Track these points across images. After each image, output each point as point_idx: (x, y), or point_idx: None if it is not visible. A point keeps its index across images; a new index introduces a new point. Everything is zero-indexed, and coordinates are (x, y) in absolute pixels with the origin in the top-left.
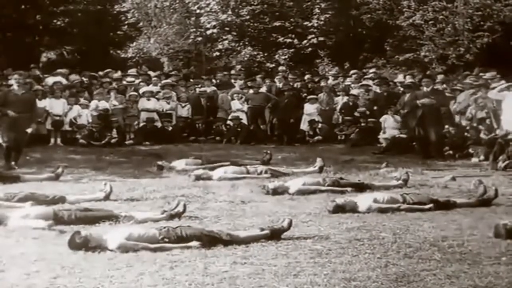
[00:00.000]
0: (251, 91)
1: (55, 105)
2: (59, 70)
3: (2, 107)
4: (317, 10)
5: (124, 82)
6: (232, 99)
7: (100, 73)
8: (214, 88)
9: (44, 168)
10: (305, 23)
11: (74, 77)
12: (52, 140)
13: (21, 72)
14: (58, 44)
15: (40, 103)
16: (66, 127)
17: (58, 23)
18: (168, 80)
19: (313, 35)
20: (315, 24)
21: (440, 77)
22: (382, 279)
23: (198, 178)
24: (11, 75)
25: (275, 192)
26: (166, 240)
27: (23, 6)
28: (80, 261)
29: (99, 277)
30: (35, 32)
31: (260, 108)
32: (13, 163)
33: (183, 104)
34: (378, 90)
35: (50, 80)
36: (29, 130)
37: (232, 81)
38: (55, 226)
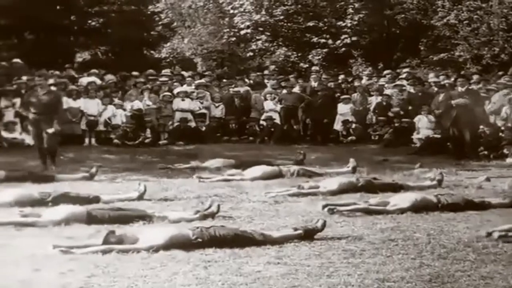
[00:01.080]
0: (284, 91)
1: (89, 105)
2: (93, 71)
3: (26, 109)
4: (350, 10)
5: (158, 82)
6: (266, 99)
7: (134, 73)
8: (248, 88)
9: (78, 168)
10: (339, 23)
11: (109, 77)
12: (87, 140)
13: (43, 73)
14: (92, 44)
15: (75, 103)
16: (101, 127)
17: (93, 23)
18: (202, 80)
19: (346, 35)
20: (349, 24)
21: (475, 77)
22: (416, 280)
23: (230, 178)
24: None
25: (308, 192)
26: (200, 240)
27: (58, 7)
28: (114, 261)
29: (133, 277)
30: (70, 32)
31: (293, 108)
32: (53, 167)
33: (216, 104)
34: (412, 90)
35: (84, 80)
36: (49, 131)
37: (265, 81)
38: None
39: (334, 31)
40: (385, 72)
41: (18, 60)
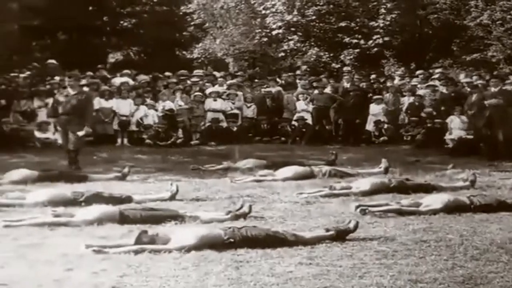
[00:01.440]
0: (316, 91)
1: (121, 106)
2: (125, 71)
3: (55, 110)
4: (383, 10)
5: (189, 82)
6: (298, 99)
7: (166, 73)
8: (280, 88)
9: (111, 168)
10: (371, 23)
11: (142, 77)
12: (119, 140)
13: (73, 73)
14: (124, 45)
15: (107, 104)
16: (133, 127)
17: (125, 24)
18: (234, 81)
19: (378, 36)
20: (381, 24)
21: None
22: (449, 281)
23: (261, 178)
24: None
25: (340, 192)
26: (231, 240)
27: (90, 8)
28: (146, 260)
29: (165, 276)
30: (102, 33)
31: (325, 109)
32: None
33: (248, 105)
34: (444, 91)
35: (117, 80)
36: (80, 133)
37: (297, 81)
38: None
39: (366, 31)
40: (418, 72)
41: (53, 61)
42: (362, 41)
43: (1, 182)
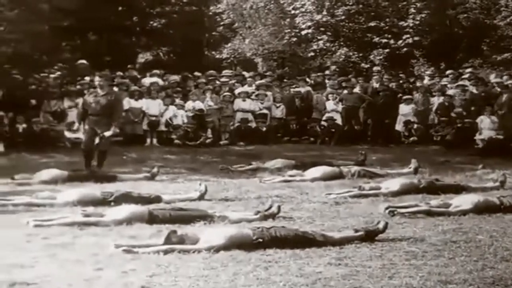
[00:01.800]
0: (345, 91)
1: (151, 106)
2: (154, 71)
3: (84, 110)
4: (412, 10)
5: (218, 83)
6: (327, 99)
7: (196, 73)
8: (309, 88)
9: (140, 168)
10: (401, 23)
11: (173, 77)
12: (148, 141)
13: (103, 73)
14: (154, 45)
15: (137, 104)
16: (162, 128)
17: (155, 24)
18: (263, 81)
19: (408, 35)
20: (411, 24)
21: None
22: (479, 283)
23: (290, 179)
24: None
25: (369, 193)
26: (260, 240)
27: (120, 8)
28: (175, 260)
29: (194, 276)
30: (132, 33)
31: (354, 109)
32: (94, 163)
33: (277, 105)
34: (475, 91)
35: (146, 80)
36: (107, 134)
37: (326, 81)
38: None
39: (396, 31)
40: (447, 72)
41: (83, 61)
42: (391, 41)
43: (32, 182)
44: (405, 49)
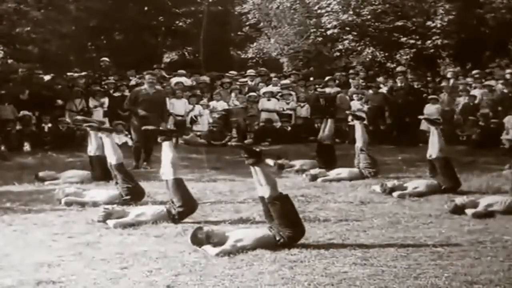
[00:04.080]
0: (370, 91)
1: (177, 105)
2: (180, 71)
3: (133, 107)
4: (441, 11)
5: (242, 81)
6: (352, 99)
7: (230, 73)
8: (338, 89)
9: None
10: (428, 23)
11: (203, 78)
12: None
13: (153, 72)
14: (180, 45)
15: None
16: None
17: (180, 24)
18: (287, 81)
19: (437, 36)
20: (438, 25)
21: None
22: (505, 283)
23: (314, 178)
24: (132, 76)
25: (392, 190)
26: (282, 241)
27: (146, 8)
28: (200, 259)
29: (219, 275)
30: (158, 33)
31: (379, 108)
32: (144, 163)
33: (302, 104)
34: (504, 90)
35: (173, 80)
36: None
37: (351, 80)
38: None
39: (422, 31)
40: (474, 72)
41: (105, 58)
42: (418, 41)
43: (58, 182)
44: (432, 49)
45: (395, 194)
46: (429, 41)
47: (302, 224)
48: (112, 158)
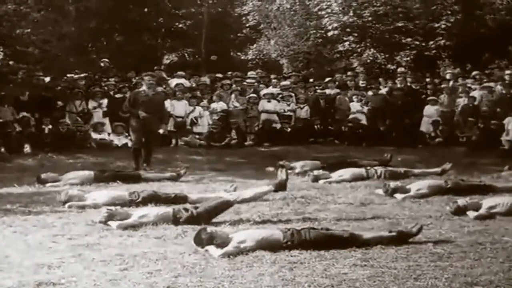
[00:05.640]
0: (370, 92)
1: (177, 107)
2: (179, 72)
3: (132, 108)
4: (448, 12)
5: (249, 82)
6: (351, 100)
7: (230, 73)
8: (337, 90)
9: (166, 169)
10: (430, 24)
11: (203, 79)
12: (173, 141)
13: (152, 73)
14: (180, 46)
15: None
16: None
17: (180, 25)
18: (287, 82)
19: (440, 37)
20: (442, 26)
21: None
22: (505, 284)
23: (316, 179)
24: (133, 78)
25: (395, 191)
26: (289, 243)
27: (146, 9)
28: (200, 261)
29: (219, 277)
30: (158, 34)
31: (379, 110)
32: (144, 164)
33: (301, 106)
34: (503, 91)
35: (173, 82)
36: (160, 131)
37: (348, 82)
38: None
39: (423, 33)
40: (473, 73)
41: (105, 59)
42: (419, 43)
43: (59, 184)
44: (433, 51)
45: (397, 195)
46: (431, 42)
47: None
48: None
